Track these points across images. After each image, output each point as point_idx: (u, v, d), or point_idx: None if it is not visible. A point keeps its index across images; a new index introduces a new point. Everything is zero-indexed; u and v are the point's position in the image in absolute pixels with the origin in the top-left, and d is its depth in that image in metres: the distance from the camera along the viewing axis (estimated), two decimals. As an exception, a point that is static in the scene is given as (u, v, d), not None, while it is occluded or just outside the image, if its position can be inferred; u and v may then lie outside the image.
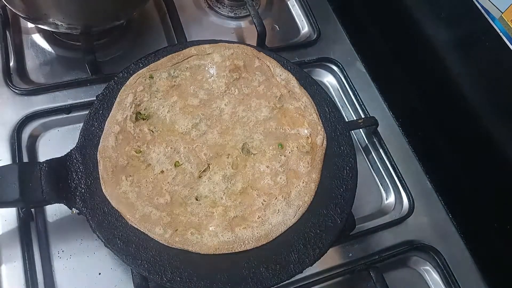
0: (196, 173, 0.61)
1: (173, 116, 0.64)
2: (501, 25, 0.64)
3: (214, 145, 0.63)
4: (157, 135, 0.63)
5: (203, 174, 0.61)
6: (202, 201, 0.59)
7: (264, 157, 0.63)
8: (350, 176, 0.62)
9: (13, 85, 0.71)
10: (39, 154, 0.69)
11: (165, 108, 0.65)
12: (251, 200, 0.60)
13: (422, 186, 0.76)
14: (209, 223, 0.57)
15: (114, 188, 0.57)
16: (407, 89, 0.87)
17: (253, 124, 0.65)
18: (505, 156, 0.68)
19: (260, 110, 0.66)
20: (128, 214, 0.56)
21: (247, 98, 0.67)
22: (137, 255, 0.54)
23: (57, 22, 0.67)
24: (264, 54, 0.70)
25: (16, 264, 0.59)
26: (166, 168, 0.60)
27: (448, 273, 0.68)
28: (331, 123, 0.66)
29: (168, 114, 0.64)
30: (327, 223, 0.59)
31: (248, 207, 0.59)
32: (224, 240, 0.56)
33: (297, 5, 0.93)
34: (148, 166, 0.60)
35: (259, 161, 0.63)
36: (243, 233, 0.57)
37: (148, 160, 0.61)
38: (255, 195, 0.60)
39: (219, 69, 0.68)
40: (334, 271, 0.65)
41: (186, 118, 0.64)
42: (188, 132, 0.64)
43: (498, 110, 0.69)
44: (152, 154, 0.61)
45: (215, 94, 0.67)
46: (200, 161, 0.61)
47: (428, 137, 0.82)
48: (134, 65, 0.67)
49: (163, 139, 0.62)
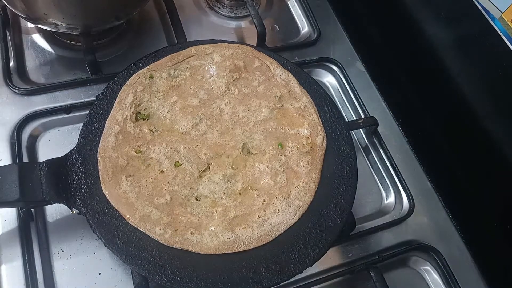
0: (196, 173, 0.61)
1: (173, 116, 0.64)
2: (501, 25, 0.64)
3: (214, 145, 0.63)
4: (157, 135, 0.63)
5: (203, 174, 0.61)
6: (202, 201, 0.59)
7: (264, 157, 0.63)
8: (350, 176, 0.62)
9: (13, 85, 0.71)
10: (39, 154, 0.69)
11: (165, 108, 0.65)
12: (251, 200, 0.60)
13: (422, 186, 0.76)
14: (209, 223, 0.57)
15: (114, 188, 0.57)
16: (407, 89, 0.87)
17: (253, 124, 0.65)
18: (505, 156, 0.68)
19: (260, 110, 0.66)
20: (128, 214, 0.56)
21: (247, 98, 0.67)
22: (137, 255, 0.54)
23: (57, 22, 0.67)
24: (264, 54, 0.70)
25: (16, 264, 0.59)
26: (166, 168, 0.60)
27: (448, 273, 0.68)
28: (331, 123, 0.66)
29: (168, 114, 0.64)
30: (327, 223, 0.59)
31: (248, 207, 0.59)
32: (224, 240, 0.56)
33: (297, 5, 0.93)
34: (148, 166, 0.60)
35: (259, 161, 0.63)
36: (243, 233, 0.57)
37: (148, 160, 0.61)
38: (255, 195, 0.60)
39: (219, 69, 0.68)
40: (334, 271, 0.65)
41: (186, 118, 0.64)
42: (188, 132, 0.64)
43: (498, 110, 0.69)
44: (152, 154, 0.61)
45: (215, 94, 0.67)
46: (200, 161, 0.61)
47: (428, 137, 0.82)
48: (134, 65, 0.67)
49: (163, 139, 0.62)
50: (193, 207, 0.59)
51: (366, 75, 0.87)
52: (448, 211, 0.75)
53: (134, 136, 0.62)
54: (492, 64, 0.68)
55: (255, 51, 0.70)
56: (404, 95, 0.87)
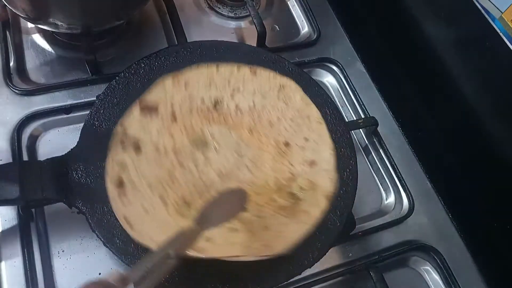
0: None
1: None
2: (501, 25, 0.64)
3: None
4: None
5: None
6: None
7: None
8: (350, 178, 0.62)
9: (13, 85, 0.71)
10: (39, 154, 0.69)
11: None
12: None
13: (422, 186, 0.76)
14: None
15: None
16: (407, 89, 0.87)
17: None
18: (505, 156, 0.68)
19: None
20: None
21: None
22: (136, 255, 0.54)
23: (57, 22, 0.67)
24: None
25: (16, 263, 0.59)
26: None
27: (448, 273, 0.68)
28: (332, 125, 0.66)
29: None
30: (326, 225, 0.58)
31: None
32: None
33: (297, 5, 0.93)
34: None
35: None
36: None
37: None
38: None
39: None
40: (334, 271, 0.65)
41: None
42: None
43: (498, 110, 0.69)
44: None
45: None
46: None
47: (428, 137, 0.81)
48: (135, 65, 0.66)
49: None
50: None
51: (366, 75, 0.86)
52: (448, 211, 0.75)
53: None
54: (492, 64, 0.68)
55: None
56: (404, 95, 0.86)
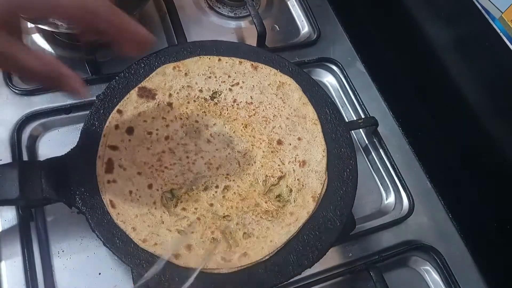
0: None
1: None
2: (501, 25, 0.64)
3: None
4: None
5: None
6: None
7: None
8: (350, 178, 0.62)
9: (13, 85, 0.71)
10: (39, 154, 0.69)
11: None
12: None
13: (422, 186, 0.76)
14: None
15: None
16: (407, 89, 0.87)
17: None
18: (505, 156, 0.68)
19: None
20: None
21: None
22: (136, 255, 0.54)
23: (57, 22, 0.67)
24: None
25: (16, 263, 0.59)
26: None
27: (448, 273, 0.68)
28: (332, 125, 0.66)
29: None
30: (327, 225, 0.59)
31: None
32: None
33: (297, 5, 0.93)
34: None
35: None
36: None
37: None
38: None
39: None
40: (334, 271, 0.65)
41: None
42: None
43: (498, 109, 0.69)
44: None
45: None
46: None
47: (428, 137, 0.81)
48: (135, 65, 0.66)
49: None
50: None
51: (366, 75, 0.86)
52: (448, 211, 0.75)
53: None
54: (492, 64, 0.68)
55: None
56: (404, 95, 0.86)
